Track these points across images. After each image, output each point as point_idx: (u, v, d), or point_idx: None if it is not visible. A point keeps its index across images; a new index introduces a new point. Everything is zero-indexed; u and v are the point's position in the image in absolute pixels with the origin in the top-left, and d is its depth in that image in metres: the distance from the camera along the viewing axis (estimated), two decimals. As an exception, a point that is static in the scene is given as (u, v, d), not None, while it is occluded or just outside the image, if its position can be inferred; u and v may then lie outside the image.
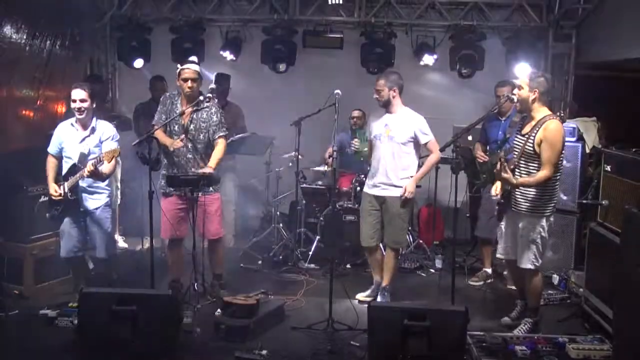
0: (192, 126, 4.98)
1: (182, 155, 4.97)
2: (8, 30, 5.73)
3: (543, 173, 4.24)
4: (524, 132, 4.42)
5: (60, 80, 6.32)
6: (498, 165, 4.25)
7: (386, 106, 5.15)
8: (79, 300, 4.11)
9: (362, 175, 6.20)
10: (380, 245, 5.41)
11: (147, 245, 5.30)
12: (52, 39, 6.34)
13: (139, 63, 7.23)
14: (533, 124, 4.35)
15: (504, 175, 4.23)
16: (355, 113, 6.89)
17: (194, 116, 4.98)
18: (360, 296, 5.39)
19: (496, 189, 4.60)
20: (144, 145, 4.48)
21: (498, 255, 4.89)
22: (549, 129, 4.24)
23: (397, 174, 5.11)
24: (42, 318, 4.68)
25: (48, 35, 6.25)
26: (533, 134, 4.29)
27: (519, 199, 4.43)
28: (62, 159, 4.88)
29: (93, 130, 4.84)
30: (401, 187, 5.09)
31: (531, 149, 4.30)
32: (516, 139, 4.51)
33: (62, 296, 5.06)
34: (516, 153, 4.40)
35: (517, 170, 4.41)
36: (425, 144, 5.12)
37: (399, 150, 5.10)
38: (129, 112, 7.01)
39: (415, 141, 5.13)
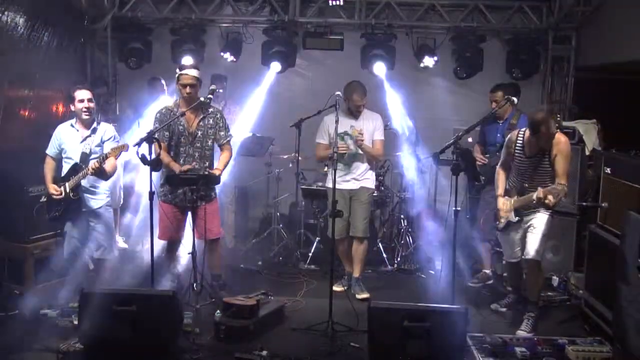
0: (199, 133, 4.99)
1: (188, 165, 4.96)
2: (7, 28, 5.74)
3: (565, 184, 4.37)
4: (529, 153, 4.61)
5: (61, 81, 6.32)
6: (536, 195, 4.35)
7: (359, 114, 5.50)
8: (79, 300, 4.11)
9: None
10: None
11: (147, 245, 5.30)
12: (52, 39, 6.35)
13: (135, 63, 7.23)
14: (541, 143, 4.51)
15: (550, 203, 4.33)
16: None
17: (201, 124, 4.99)
18: (336, 287, 5.38)
19: (507, 213, 4.74)
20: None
21: (511, 260, 4.95)
22: (562, 142, 4.50)
23: (363, 168, 5.50)
24: (42, 318, 4.69)
25: (48, 35, 6.26)
26: (547, 153, 4.51)
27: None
28: (61, 160, 4.88)
29: (94, 130, 4.85)
30: (366, 179, 5.53)
31: (548, 166, 4.53)
32: (520, 159, 4.67)
33: (63, 296, 5.05)
34: (527, 174, 4.63)
35: (526, 184, 4.63)
36: (375, 140, 5.51)
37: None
38: (130, 114, 7.01)
39: None
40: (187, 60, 6.72)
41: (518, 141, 4.70)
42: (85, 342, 4.02)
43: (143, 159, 4.38)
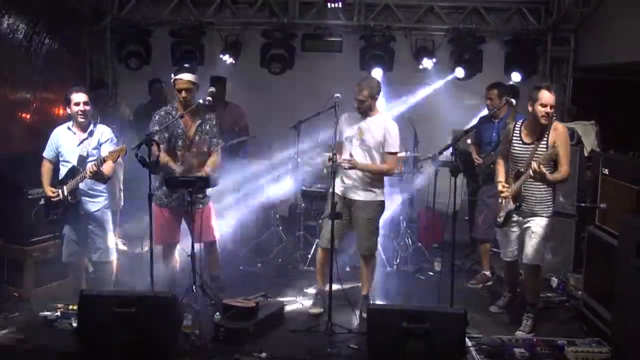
0: (197, 138, 5.01)
1: (185, 171, 4.96)
2: (8, 31, 5.75)
3: (566, 169, 4.46)
4: (526, 140, 4.59)
5: (61, 83, 6.34)
6: (534, 166, 4.35)
7: (364, 112, 4.96)
8: (79, 302, 4.10)
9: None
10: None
11: (146, 247, 5.31)
12: (52, 41, 6.36)
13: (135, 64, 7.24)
14: (539, 130, 4.52)
15: (545, 173, 4.37)
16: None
17: (199, 129, 5.01)
18: (312, 311, 5.08)
19: (508, 195, 4.65)
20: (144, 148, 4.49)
21: (506, 259, 4.95)
22: (560, 129, 4.53)
23: (367, 177, 4.96)
24: (41, 320, 4.69)
25: (48, 37, 6.28)
26: (544, 139, 4.49)
27: (530, 201, 4.58)
28: (58, 163, 4.86)
29: (91, 133, 4.84)
30: (371, 191, 4.97)
31: (545, 151, 4.46)
32: (518, 147, 4.63)
33: (62, 299, 5.05)
34: (524, 160, 4.57)
35: (523, 169, 4.55)
36: (386, 152, 4.90)
37: (370, 154, 4.93)
38: (130, 115, 7.03)
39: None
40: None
41: (515, 130, 4.69)
42: (85, 345, 4.02)
43: (142, 161, 4.38)
